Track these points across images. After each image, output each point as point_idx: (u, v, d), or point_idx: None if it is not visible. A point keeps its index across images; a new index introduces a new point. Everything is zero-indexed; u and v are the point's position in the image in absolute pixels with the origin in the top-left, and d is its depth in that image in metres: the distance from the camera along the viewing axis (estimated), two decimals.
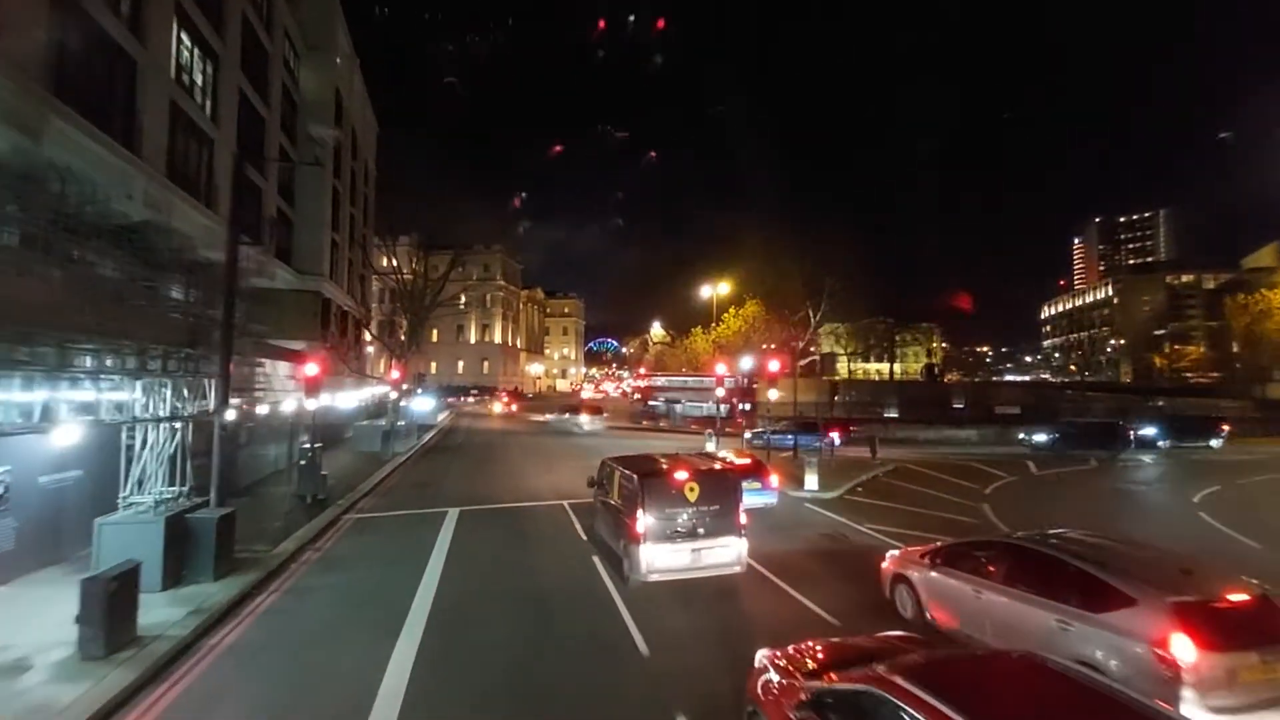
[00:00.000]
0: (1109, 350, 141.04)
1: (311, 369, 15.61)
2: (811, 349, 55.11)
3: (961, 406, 43.10)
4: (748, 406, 42.31)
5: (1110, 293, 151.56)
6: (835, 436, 28.82)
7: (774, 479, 14.63)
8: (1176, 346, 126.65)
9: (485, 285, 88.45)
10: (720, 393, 29.91)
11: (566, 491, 17.53)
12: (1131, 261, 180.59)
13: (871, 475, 19.72)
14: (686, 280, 56.12)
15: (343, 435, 27.99)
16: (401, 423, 28.70)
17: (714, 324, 46.83)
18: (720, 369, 24.81)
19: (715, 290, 45.63)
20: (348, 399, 38.65)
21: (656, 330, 75.79)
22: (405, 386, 50.53)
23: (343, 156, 41.18)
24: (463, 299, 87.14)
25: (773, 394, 20.05)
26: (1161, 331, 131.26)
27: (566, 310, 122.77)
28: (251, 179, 28.83)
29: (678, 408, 43.49)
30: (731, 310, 46.87)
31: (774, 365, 21.27)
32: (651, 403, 45.15)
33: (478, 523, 14.15)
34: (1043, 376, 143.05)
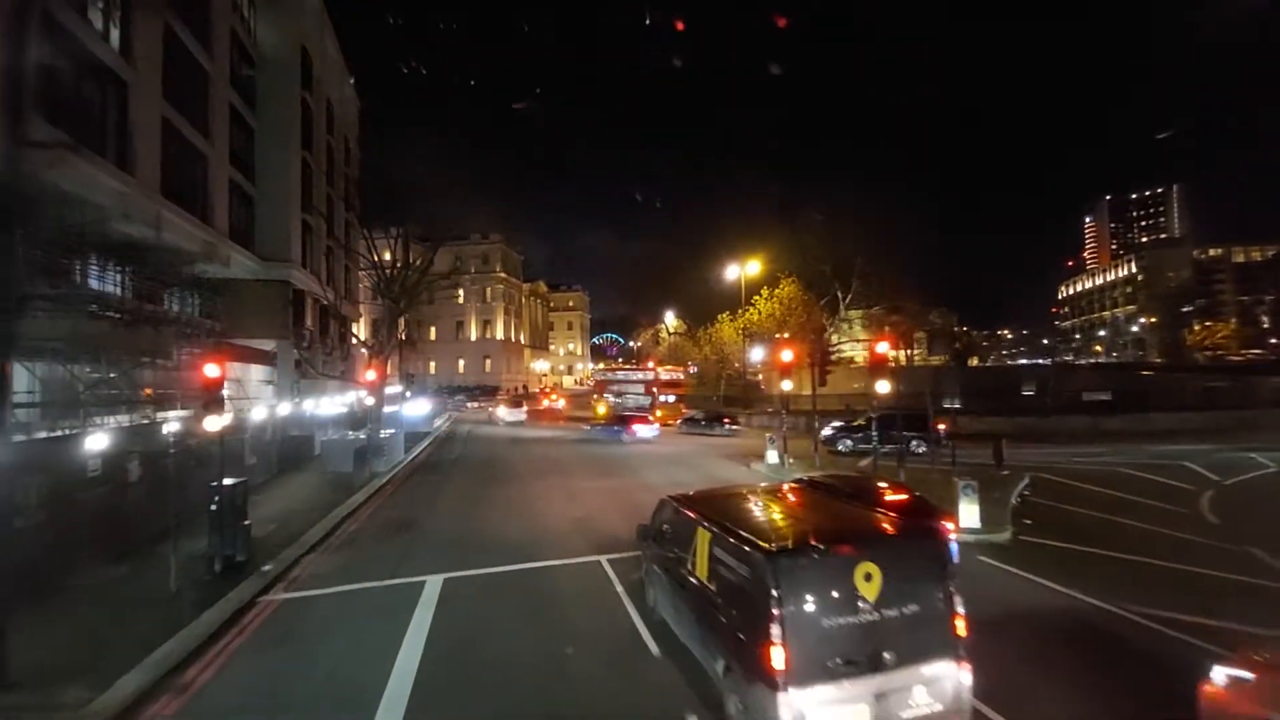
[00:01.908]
0: (1134, 329, 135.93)
1: (211, 370, 10.26)
2: (835, 336, 49.73)
3: (1033, 394, 37.68)
4: (671, 399, 44.87)
5: (1134, 270, 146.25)
6: (637, 429, 30.84)
7: (949, 525, 9.26)
8: (1208, 323, 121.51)
9: (485, 278, 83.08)
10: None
11: (603, 534, 12.25)
12: (1144, 239, 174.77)
13: (1018, 496, 14.36)
14: (705, 266, 50.72)
15: (310, 453, 22.72)
16: (385, 434, 23.43)
17: (743, 309, 41.41)
18: (786, 355, 19.42)
19: (743, 270, 40.16)
20: (328, 407, 33.49)
21: (670, 320, 70.29)
22: (398, 389, 45.24)
23: (314, 125, 35.83)
24: (460, 292, 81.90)
25: (883, 386, 14.77)
26: (1189, 308, 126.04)
27: (571, 304, 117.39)
28: (187, 138, 23.51)
29: (624, 400, 45.35)
30: (764, 292, 41.36)
31: (883, 347, 15.96)
32: (605, 395, 47.76)
33: (471, 609, 8.84)
34: (1066, 358, 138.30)
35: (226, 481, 11.34)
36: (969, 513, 10.72)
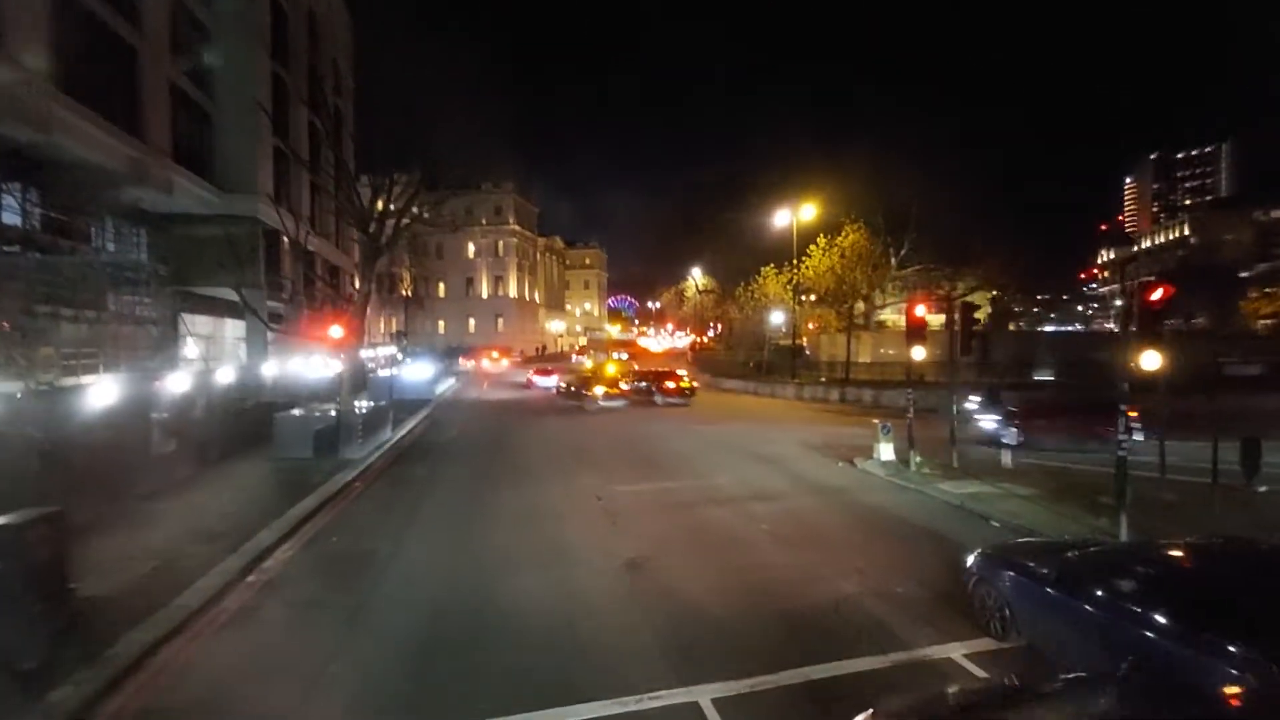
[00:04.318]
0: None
1: None
2: (879, 297, 43.73)
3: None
4: (624, 356, 49.75)
5: (1186, 231, 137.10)
6: (534, 379, 35.90)
7: None
8: (1267, 290, 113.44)
9: (497, 231, 77.29)
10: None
11: (678, 607, 7.05)
12: (1189, 201, 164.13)
13: None
14: (738, 219, 44.43)
15: (264, 432, 17.69)
16: (362, 406, 18.37)
17: (795, 261, 35.51)
18: (920, 310, 13.98)
19: (796, 216, 34.14)
20: (313, 370, 28.52)
21: (697, 277, 64.43)
22: (394, 350, 40.19)
23: (289, 34, 29.97)
24: (470, 245, 76.25)
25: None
26: (1246, 274, 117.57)
27: (588, 261, 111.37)
28: (100, 18, 17.92)
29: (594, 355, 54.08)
30: (822, 240, 35.30)
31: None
32: (590, 350, 56.64)
33: None
34: (1107, 326, 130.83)
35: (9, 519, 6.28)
36: None
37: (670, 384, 28.32)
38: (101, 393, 10.84)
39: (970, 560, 6.60)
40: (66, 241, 18.11)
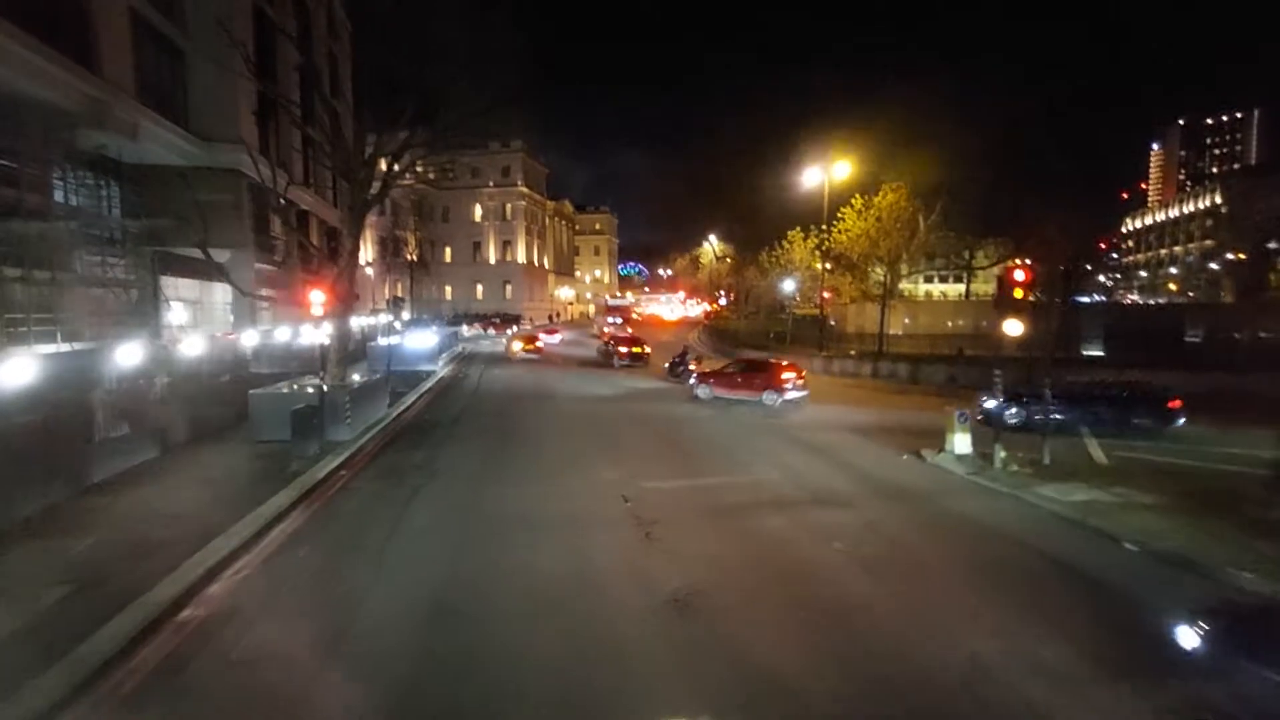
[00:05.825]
0: (1214, 266, 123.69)
1: None
2: (905, 267, 41.00)
3: (1200, 340, 29.29)
4: (619, 320, 52.90)
5: (1218, 200, 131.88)
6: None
7: None
8: None
9: (505, 192, 74.35)
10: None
11: (745, 676, 5.03)
12: (1216, 169, 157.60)
13: None
14: (757, 184, 41.56)
15: (245, 410, 15.74)
16: (355, 380, 16.40)
17: (825, 226, 32.89)
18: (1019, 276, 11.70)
19: (828, 175, 31.39)
20: (310, 338, 26.50)
21: (713, 244, 61.70)
22: (388, 318, 38.18)
23: None
24: (477, 207, 73.52)
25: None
26: (1275, 245, 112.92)
27: (598, 226, 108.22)
28: None
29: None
30: (858, 201, 32.59)
31: None
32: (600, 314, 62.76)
33: None
34: (1131, 298, 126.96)
35: None
36: None
37: (623, 348, 32.31)
38: (19, 367, 8.81)
39: (1201, 646, 4.48)
40: (10, 190, 15.92)
